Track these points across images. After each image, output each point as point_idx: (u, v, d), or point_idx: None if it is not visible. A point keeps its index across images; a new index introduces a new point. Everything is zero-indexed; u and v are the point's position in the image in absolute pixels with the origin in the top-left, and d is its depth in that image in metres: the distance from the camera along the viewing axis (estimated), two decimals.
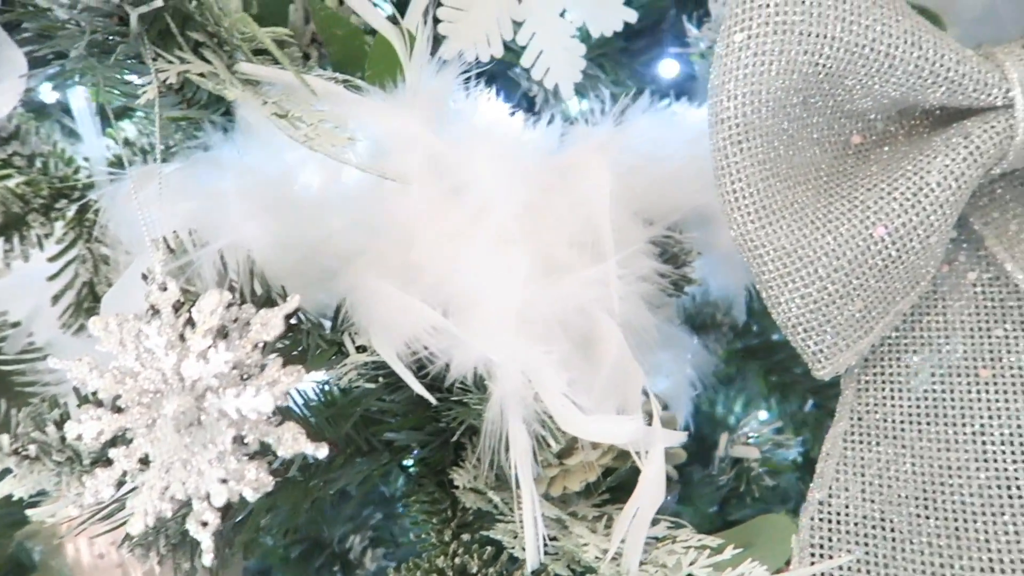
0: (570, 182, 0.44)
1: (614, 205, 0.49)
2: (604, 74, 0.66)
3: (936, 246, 0.47)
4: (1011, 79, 0.45)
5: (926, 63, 0.45)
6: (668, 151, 0.56)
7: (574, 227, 0.43)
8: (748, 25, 0.45)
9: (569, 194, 0.44)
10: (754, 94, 0.45)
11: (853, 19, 0.44)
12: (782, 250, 0.46)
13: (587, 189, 0.44)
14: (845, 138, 0.50)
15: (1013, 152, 0.46)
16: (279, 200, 0.46)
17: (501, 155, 0.44)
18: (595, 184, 0.43)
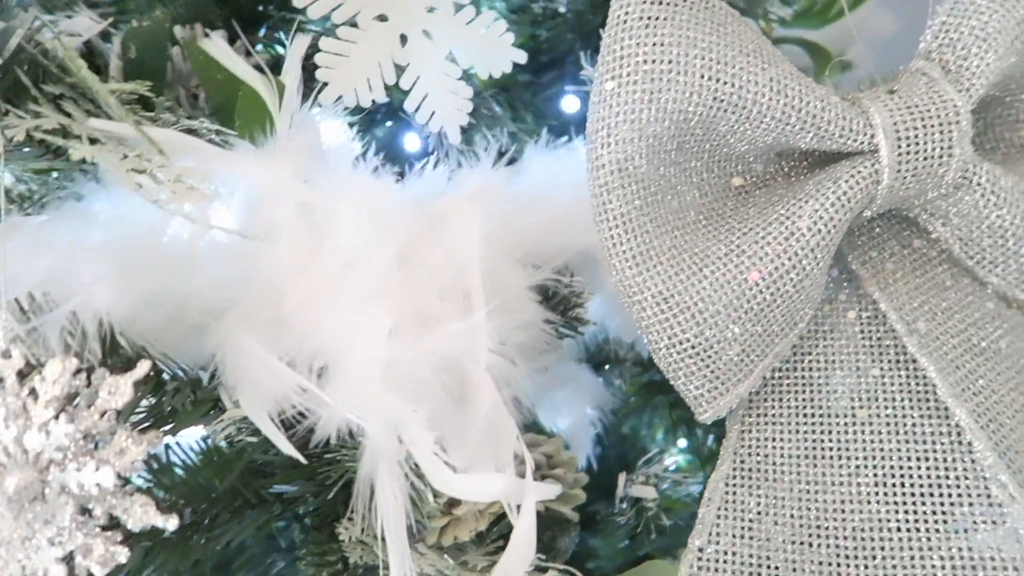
0: (442, 231, 0.44)
1: (494, 251, 0.49)
2: (504, 111, 0.66)
3: (811, 289, 0.47)
4: (875, 124, 0.46)
5: (792, 110, 0.45)
6: (559, 192, 0.56)
7: (446, 278, 0.43)
8: (618, 73, 0.45)
9: (441, 244, 0.44)
10: (627, 141, 0.46)
11: (720, 68, 0.45)
12: (659, 296, 0.46)
13: (458, 238, 0.43)
14: (725, 180, 0.50)
15: (881, 196, 0.47)
16: (147, 252, 0.45)
17: (371, 205, 0.43)
18: (465, 233, 0.43)
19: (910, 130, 0.46)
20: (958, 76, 0.47)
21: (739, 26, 0.46)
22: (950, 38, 0.48)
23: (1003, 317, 0.51)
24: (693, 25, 0.45)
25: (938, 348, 0.48)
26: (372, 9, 0.53)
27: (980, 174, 0.47)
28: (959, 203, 0.48)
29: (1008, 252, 0.49)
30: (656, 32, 0.45)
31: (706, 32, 0.45)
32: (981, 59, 0.47)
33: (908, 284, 0.51)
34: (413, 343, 0.41)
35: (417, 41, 0.54)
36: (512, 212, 0.52)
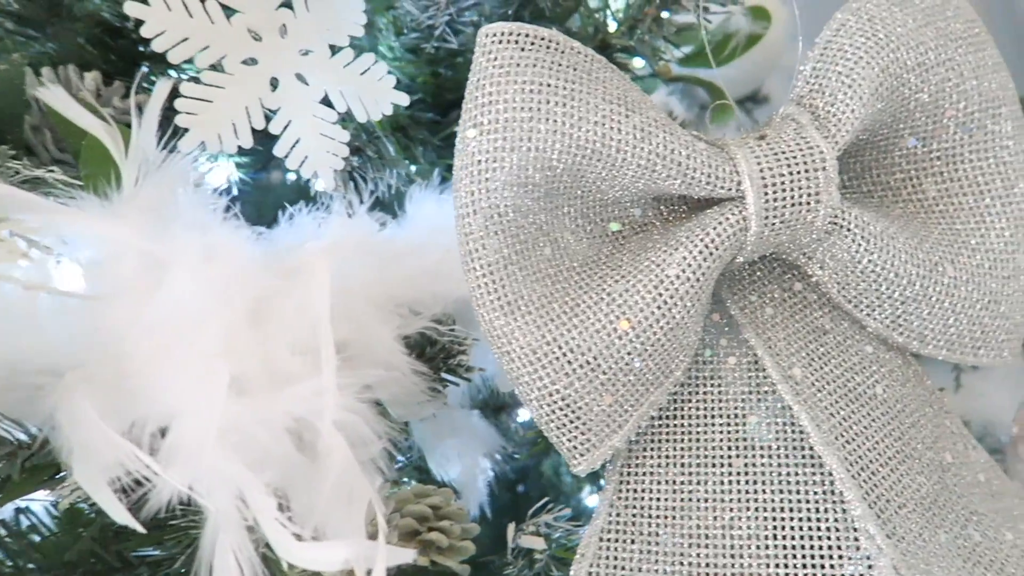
0: (296, 285, 0.42)
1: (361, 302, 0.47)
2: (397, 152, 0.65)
3: (683, 337, 0.47)
4: (741, 171, 0.45)
5: (657, 157, 0.45)
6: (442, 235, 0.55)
7: (299, 333, 0.41)
8: (479, 122, 0.44)
9: (294, 298, 0.42)
10: (491, 190, 0.45)
11: (581, 116, 0.44)
12: (528, 347, 0.45)
13: (311, 292, 0.42)
14: (603, 226, 0.50)
15: (751, 243, 0.46)
16: None
17: (221, 259, 0.42)
18: (317, 287, 0.42)
19: (776, 177, 0.45)
20: (826, 122, 0.47)
21: (605, 73, 0.46)
22: (819, 84, 0.48)
23: (881, 361, 0.51)
24: (555, 73, 0.44)
25: (813, 395, 0.48)
26: (240, 53, 0.51)
27: (849, 220, 0.47)
28: (832, 248, 0.48)
29: (882, 296, 0.49)
30: (517, 80, 0.44)
31: (568, 80, 0.44)
32: (847, 106, 0.47)
33: (787, 329, 0.50)
34: (260, 403, 0.40)
35: (289, 85, 0.52)
36: (388, 258, 0.51)
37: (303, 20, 0.54)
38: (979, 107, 0.49)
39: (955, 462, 0.49)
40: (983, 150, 0.50)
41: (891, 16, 0.48)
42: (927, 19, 0.49)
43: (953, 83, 0.49)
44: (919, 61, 0.48)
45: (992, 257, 0.49)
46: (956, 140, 0.50)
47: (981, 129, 0.50)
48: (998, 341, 0.51)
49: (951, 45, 0.49)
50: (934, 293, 0.48)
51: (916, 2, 0.49)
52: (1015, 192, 0.50)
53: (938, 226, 0.50)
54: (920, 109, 0.49)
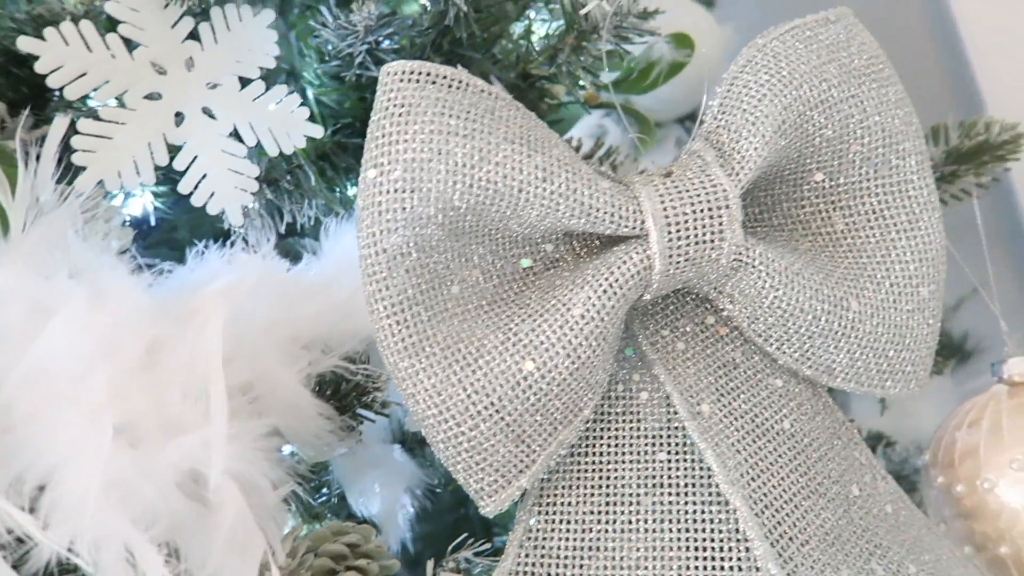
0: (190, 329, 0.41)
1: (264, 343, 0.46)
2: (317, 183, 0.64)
3: (591, 376, 0.46)
4: (645, 210, 0.45)
5: (560, 197, 0.44)
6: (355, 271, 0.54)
7: (192, 379, 0.40)
8: (380, 162, 0.44)
9: (187, 343, 0.41)
10: (393, 231, 0.44)
11: (483, 156, 0.44)
12: (432, 390, 0.45)
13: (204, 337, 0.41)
14: (514, 262, 0.49)
15: (656, 281, 0.46)
16: None
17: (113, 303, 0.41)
18: (210, 331, 0.41)
19: (680, 216, 0.45)
20: (730, 159, 0.47)
21: (508, 111, 0.46)
22: (725, 120, 0.48)
23: (790, 395, 0.51)
24: (456, 112, 0.44)
25: (721, 431, 0.48)
26: (143, 87, 0.50)
27: (754, 257, 0.47)
28: (740, 283, 0.48)
29: (790, 330, 0.49)
30: (417, 120, 0.44)
31: (470, 119, 0.44)
32: (750, 143, 0.47)
33: (698, 364, 0.50)
34: (148, 454, 0.39)
35: (195, 119, 0.51)
36: (296, 296, 0.50)
37: (211, 53, 0.53)
38: (883, 143, 0.50)
39: (862, 495, 0.50)
40: (888, 184, 0.51)
41: (795, 53, 0.49)
42: (831, 56, 0.49)
43: (856, 119, 0.49)
44: (822, 98, 0.48)
45: (897, 291, 0.50)
46: (862, 174, 0.51)
47: (886, 164, 0.50)
48: (905, 373, 0.51)
49: (854, 82, 0.49)
50: (839, 328, 0.49)
51: (820, 39, 0.50)
52: (920, 226, 0.51)
53: (845, 259, 0.51)
54: (826, 145, 0.50)
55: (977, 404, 0.55)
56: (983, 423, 0.54)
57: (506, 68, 0.65)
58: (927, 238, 0.51)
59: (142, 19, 0.50)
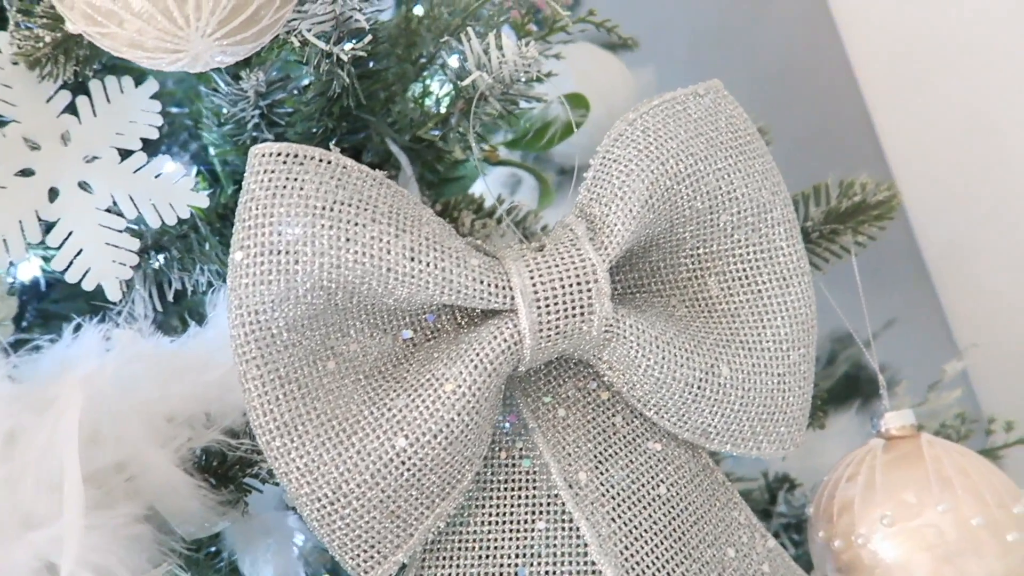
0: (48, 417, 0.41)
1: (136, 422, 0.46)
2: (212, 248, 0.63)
3: (465, 450, 0.47)
4: (514, 285, 0.46)
5: (428, 276, 0.45)
6: None
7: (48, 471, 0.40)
8: (246, 245, 0.44)
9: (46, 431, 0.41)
10: (260, 312, 0.44)
11: (350, 238, 0.44)
12: (304, 468, 0.45)
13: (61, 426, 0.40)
14: (394, 334, 0.50)
15: (528, 354, 0.47)
16: None
17: None
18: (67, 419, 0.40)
19: (548, 291, 0.46)
20: (601, 233, 0.48)
21: (378, 191, 0.46)
22: (597, 193, 0.50)
23: (669, 459, 0.52)
24: (323, 194, 0.44)
25: (597, 500, 0.48)
26: (14, 164, 0.50)
27: (624, 328, 0.48)
28: (614, 352, 0.49)
29: (665, 396, 0.50)
30: (283, 203, 0.44)
31: (337, 200, 0.44)
32: (619, 218, 0.48)
33: (578, 431, 0.51)
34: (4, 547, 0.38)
35: (71, 194, 0.51)
36: (174, 372, 0.50)
37: (89, 126, 0.53)
38: (752, 212, 0.52)
39: (738, 556, 0.51)
40: (759, 252, 0.52)
41: (664, 128, 0.50)
42: (699, 130, 0.51)
43: (724, 191, 0.51)
44: (689, 172, 0.50)
45: (768, 356, 0.51)
46: (734, 241, 0.52)
47: (756, 232, 0.52)
48: (779, 434, 0.53)
49: (721, 155, 0.51)
50: (711, 394, 0.50)
51: (689, 113, 0.51)
52: (790, 291, 0.52)
53: (720, 324, 0.52)
54: (696, 215, 0.51)
55: (856, 458, 0.57)
56: (859, 478, 0.55)
57: (401, 131, 0.66)
58: (797, 303, 0.53)
59: (15, 95, 0.50)
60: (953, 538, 0.51)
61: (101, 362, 0.45)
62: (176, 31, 0.42)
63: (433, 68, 0.68)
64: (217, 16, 0.43)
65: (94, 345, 0.50)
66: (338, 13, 0.53)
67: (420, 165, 0.68)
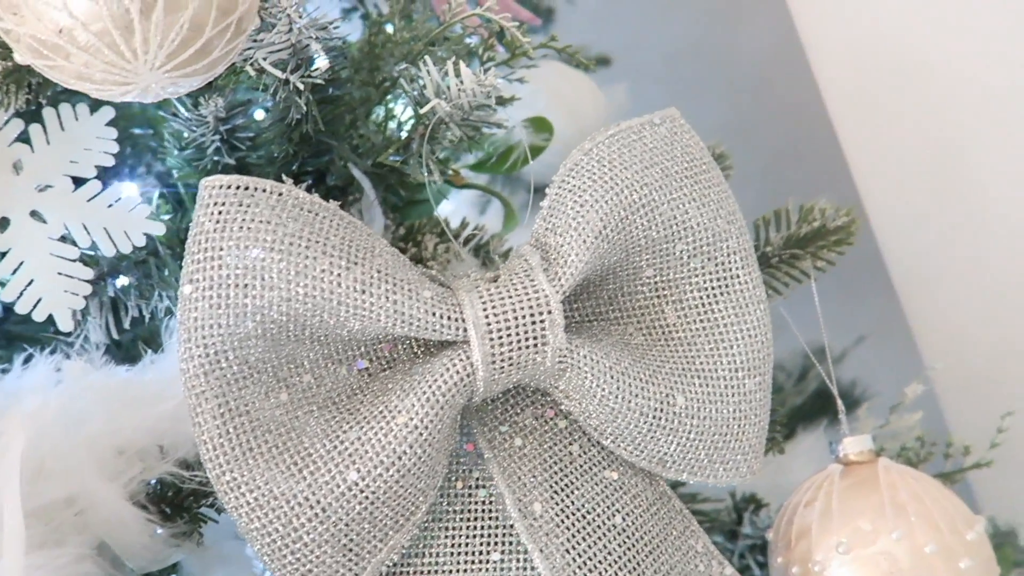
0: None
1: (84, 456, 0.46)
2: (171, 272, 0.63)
3: (418, 482, 0.47)
4: (467, 317, 0.46)
5: (379, 308, 0.45)
6: None
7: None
8: (195, 278, 0.44)
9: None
10: (210, 345, 0.44)
11: (299, 271, 0.44)
12: (255, 503, 0.44)
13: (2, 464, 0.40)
14: (349, 364, 0.49)
15: (482, 385, 0.47)
16: None
17: None
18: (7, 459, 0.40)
19: (501, 322, 0.46)
20: (555, 264, 0.48)
21: (330, 222, 0.46)
22: (553, 223, 0.50)
23: (625, 488, 0.52)
24: (273, 227, 0.44)
25: (551, 530, 0.48)
26: None
27: (579, 358, 0.48)
28: (570, 381, 0.49)
29: (621, 425, 0.50)
30: (233, 236, 0.44)
31: (288, 233, 0.44)
32: (572, 249, 0.48)
33: (534, 460, 0.51)
34: None
35: (22, 224, 0.51)
36: (125, 404, 0.49)
37: (42, 154, 0.52)
38: (707, 241, 0.52)
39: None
40: (715, 280, 0.53)
41: (618, 158, 0.50)
42: (653, 159, 0.51)
43: (680, 220, 0.51)
44: (644, 202, 0.50)
45: (723, 384, 0.51)
46: (690, 270, 0.52)
47: (712, 261, 0.52)
48: (736, 461, 0.53)
49: (676, 184, 0.51)
50: (666, 423, 0.50)
51: (645, 142, 0.51)
52: (746, 319, 0.53)
53: (676, 352, 0.52)
54: (652, 244, 0.51)
55: (814, 483, 0.57)
56: (817, 503, 0.55)
57: (363, 155, 0.66)
58: (753, 331, 0.53)
59: None
60: (907, 566, 0.51)
61: (48, 396, 0.45)
62: (124, 64, 0.42)
63: (397, 91, 0.68)
64: (166, 49, 0.43)
65: (44, 377, 0.49)
66: (295, 41, 0.53)
67: (384, 188, 0.68)
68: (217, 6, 0.44)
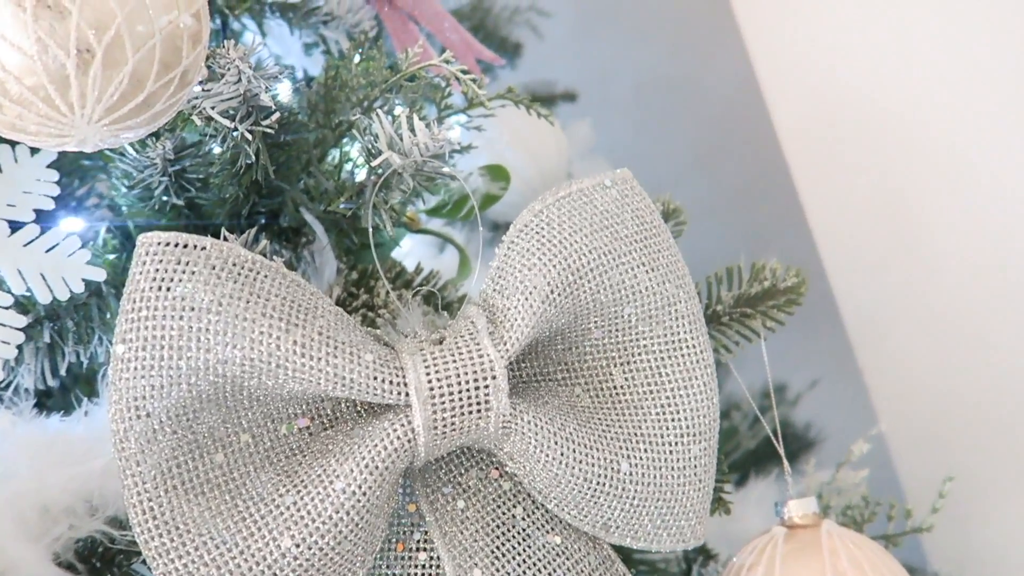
0: None
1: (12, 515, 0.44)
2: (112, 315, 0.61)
3: (355, 548, 0.46)
4: (409, 381, 0.45)
5: (319, 372, 0.44)
6: None
7: None
8: (129, 338, 0.43)
9: None
10: (141, 407, 0.43)
11: (238, 333, 0.43)
12: (185, 571, 0.43)
13: None
14: (289, 422, 0.48)
15: (424, 449, 0.46)
16: None
17: None
18: None
19: (444, 387, 0.46)
20: (502, 327, 0.48)
21: (271, 282, 0.45)
22: (501, 284, 0.49)
23: (567, 552, 0.51)
24: (211, 288, 0.43)
25: None
26: None
27: (523, 424, 0.47)
28: (514, 445, 0.48)
29: (565, 490, 0.49)
30: (169, 296, 0.43)
31: (225, 294, 0.43)
32: (519, 313, 0.48)
33: (476, 523, 0.50)
34: None
35: None
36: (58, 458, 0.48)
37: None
38: (656, 305, 0.52)
39: None
40: (663, 344, 0.52)
41: (568, 221, 0.50)
42: (603, 223, 0.51)
43: (629, 284, 0.51)
44: (593, 266, 0.49)
45: (668, 449, 0.51)
46: (638, 332, 0.52)
47: (660, 324, 0.52)
48: (680, 527, 0.52)
49: (625, 248, 0.51)
50: (611, 488, 0.50)
51: (595, 205, 0.51)
52: (693, 384, 0.52)
53: (623, 416, 0.52)
54: (601, 307, 0.51)
55: (757, 546, 0.57)
56: (759, 568, 0.55)
57: (316, 200, 0.65)
58: (700, 396, 0.52)
59: None
60: None
61: None
62: (59, 117, 0.41)
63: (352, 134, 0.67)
64: (104, 103, 0.42)
65: None
66: (244, 91, 0.52)
67: (337, 233, 0.67)
68: (160, 60, 0.43)
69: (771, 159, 1.09)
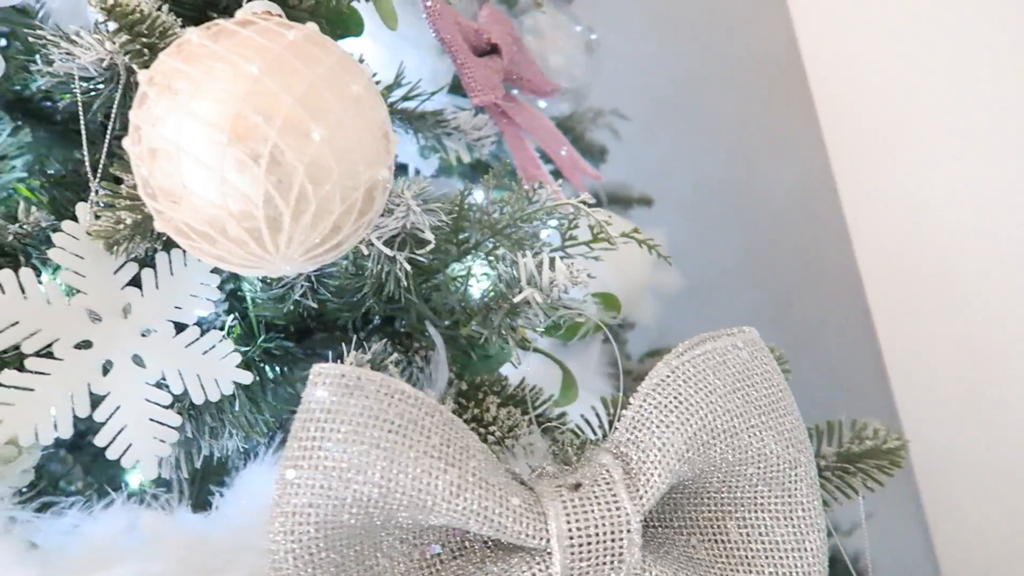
0: None
1: None
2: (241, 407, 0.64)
3: None
4: (551, 530, 0.47)
5: (470, 512, 0.46)
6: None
7: None
8: (300, 464, 0.45)
9: None
10: (302, 532, 0.45)
11: (399, 470, 0.45)
12: None
13: None
14: (422, 548, 0.50)
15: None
16: None
17: None
18: None
19: (584, 537, 0.47)
20: (636, 480, 0.50)
21: (431, 419, 0.47)
22: (636, 436, 0.51)
23: None
24: (379, 423, 0.46)
25: None
26: (74, 336, 0.51)
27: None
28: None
29: None
30: (340, 428, 0.45)
31: (392, 430, 0.46)
32: (655, 468, 0.50)
33: None
34: None
35: (123, 368, 0.52)
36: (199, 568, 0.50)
37: (150, 299, 0.54)
38: (777, 468, 0.53)
39: None
40: (780, 505, 0.54)
41: (704, 380, 0.52)
42: (736, 384, 0.53)
43: (756, 447, 0.53)
44: (725, 428, 0.52)
45: None
46: (757, 491, 0.54)
47: (780, 486, 0.54)
48: None
49: (756, 412, 0.53)
50: None
51: (729, 365, 0.54)
52: (806, 546, 0.54)
53: (737, 572, 0.53)
54: (727, 466, 0.53)
55: None
56: None
57: (441, 315, 0.68)
58: (811, 558, 0.54)
59: (85, 266, 0.51)
60: None
61: (123, 552, 0.45)
62: (265, 255, 0.44)
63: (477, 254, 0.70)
64: (306, 245, 0.45)
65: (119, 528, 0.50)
66: (406, 224, 0.55)
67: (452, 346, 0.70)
68: (359, 210, 0.46)
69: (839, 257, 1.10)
